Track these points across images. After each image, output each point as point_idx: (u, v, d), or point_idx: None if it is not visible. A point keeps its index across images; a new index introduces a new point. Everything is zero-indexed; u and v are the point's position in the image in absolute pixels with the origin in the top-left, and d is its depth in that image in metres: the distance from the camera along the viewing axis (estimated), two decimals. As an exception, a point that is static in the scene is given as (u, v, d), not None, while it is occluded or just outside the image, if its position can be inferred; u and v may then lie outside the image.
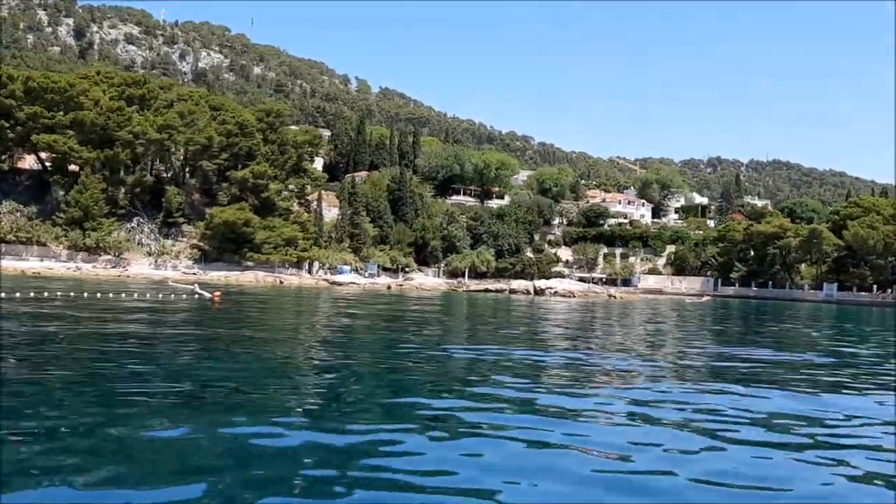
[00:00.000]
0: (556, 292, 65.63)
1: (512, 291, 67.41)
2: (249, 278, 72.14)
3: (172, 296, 36.92)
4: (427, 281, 77.04)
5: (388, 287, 68.15)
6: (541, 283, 68.50)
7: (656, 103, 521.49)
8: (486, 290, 69.06)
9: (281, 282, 72.21)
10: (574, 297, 64.39)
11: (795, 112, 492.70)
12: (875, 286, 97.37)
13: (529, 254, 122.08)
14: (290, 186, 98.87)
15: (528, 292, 66.53)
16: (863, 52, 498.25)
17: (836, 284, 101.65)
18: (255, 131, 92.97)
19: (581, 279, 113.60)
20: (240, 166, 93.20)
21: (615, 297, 66.26)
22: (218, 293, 37.49)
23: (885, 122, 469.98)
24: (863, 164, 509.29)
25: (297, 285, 68.72)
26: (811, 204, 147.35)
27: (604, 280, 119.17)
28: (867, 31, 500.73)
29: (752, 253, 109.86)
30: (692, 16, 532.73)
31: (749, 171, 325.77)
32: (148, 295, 34.93)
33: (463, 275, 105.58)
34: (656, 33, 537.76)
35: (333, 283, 74.14)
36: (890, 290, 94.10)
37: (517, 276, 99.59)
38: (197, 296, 37.32)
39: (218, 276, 71.78)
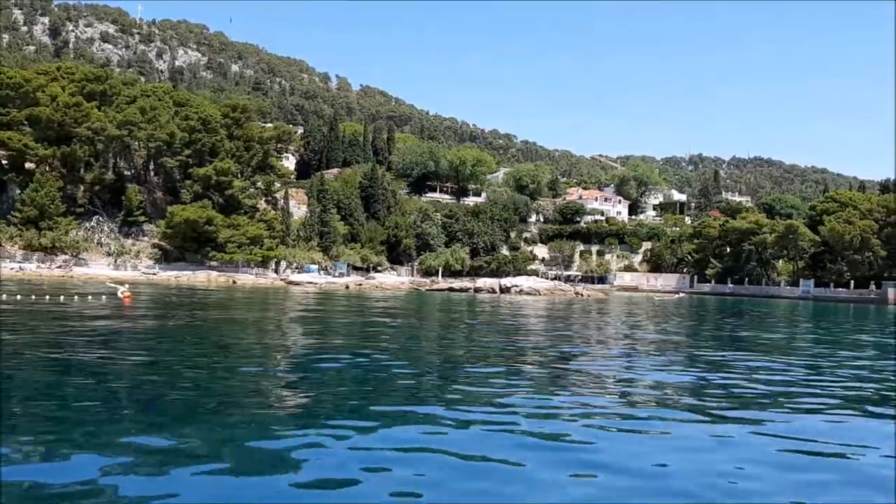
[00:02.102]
0: (521, 290, 63.86)
1: (477, 290, 65.58)
2: (202, 278, 69.96)
3: (90, 297, 34.96)
4: (388, 280, 74.97)
5: (347, 287, 66.03)
6: (506, 282, 66.67)
7: (638, 101, 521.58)
8: (451, 289, 67.17)
9: (234, 282, 69.98)
10: (540, 294, 62.66)
11: (777, 109, 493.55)
12: (852, 282, 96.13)
13: (505, 251, 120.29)
14: (258, 184, 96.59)
15: (493, 291, 64.72)
16: (845, 48, 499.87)
17: (812, 281, 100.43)
18: (219, 127, 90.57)
19: (557, 277, 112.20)
20: (205, 163, 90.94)
21: (581, 294, 64.53)
22: (128, 293, 35.90)
23: (869, 118, 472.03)
24: (845, 160, 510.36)
25: (252, 285, 66.54)
26: (790, 200, 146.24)
27: (580, 278, 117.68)
28: (848, 28, 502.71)
29: (728, 249, 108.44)
30: (674, 15, 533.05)
31: (730, 169, 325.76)
32: (62, 298, 32.88)
33: (437, 273, 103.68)
34: (640, 32, 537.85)
35: (290, 282, 72.06)
36: (875, 286, 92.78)
37: (492, 274, 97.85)
38: (118, 294, 35.72)
39: (170, 276, 69.62)
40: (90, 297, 35.67)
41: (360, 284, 69.71)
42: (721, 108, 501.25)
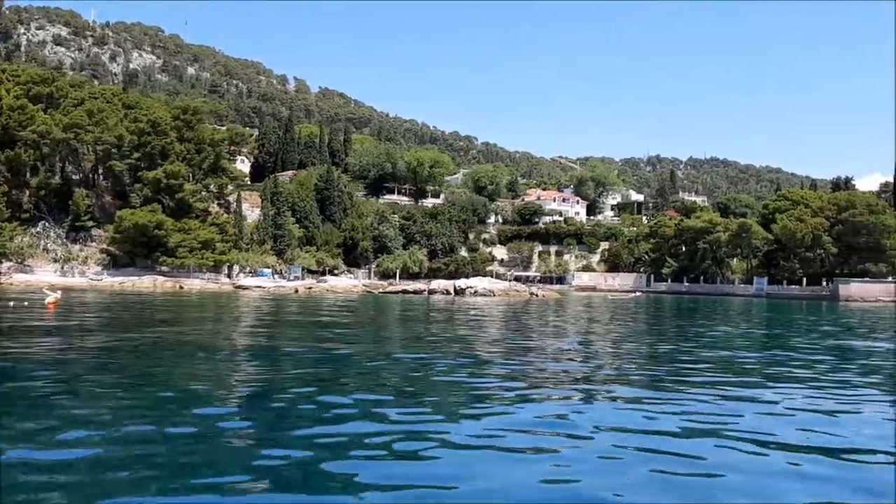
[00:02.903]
0: (476, 292, 63.34)
1: (431, 292, 64.90)
2: (147, 284, 68.36)
3: (11, 304, 33.82)
4: (340, 283, 74.01)
5: (297, 291, 64.95)
6: (461, 283, 66.07)
7: (597, 104, 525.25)
8: (404, 292, 66.41)
9: (181, 287, 68.52)
10: (495, 296, 62.22)
11: (733, 110, 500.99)
12: (805, 279, 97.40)
13: (464, 253, 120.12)
14: (210, 187, 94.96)
15: (448, 292, 64.11)
16: (798, 50, 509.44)
17: (766, 278, 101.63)
18: (169, 129, 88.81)
19: (516, 278, 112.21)
20: (155, 166, 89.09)
21: (536, 295, 64.24)
22: (52, 299, 34.94)
23: (820, 118, 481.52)
24: (798, 160, 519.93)
25: (199, 290, 65.17)
26: (745, 199, 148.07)
27: (538, 278, 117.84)
28: (803, 30, 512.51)
29: (684, 248, 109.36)
30: (632, 16, 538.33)
31: (688, 169, 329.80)
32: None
33: (395, 276, 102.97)
34: (597, 34, 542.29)
35: (239, 286, 70.78)
36: (827, 283, 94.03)
37: (451, 275, 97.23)
38: (45, 301, 34.62)
39: (114, 282, 67.90)
40: (12, 303, 34.48)
41: (311, 288, 68.60)
42: (678, 109, 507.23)
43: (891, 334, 30.23)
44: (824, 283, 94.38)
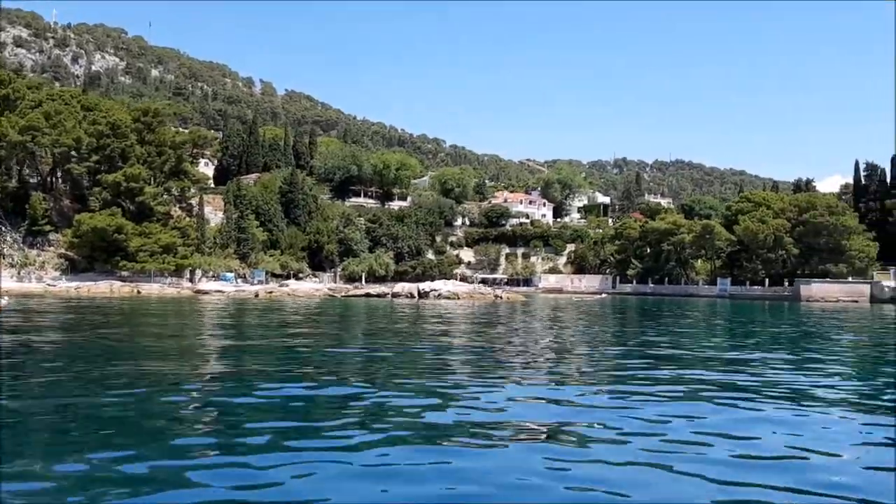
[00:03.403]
0: (440, 295, 62.96)
1: (395, 295, 64.39)
2: (103, 289, 67.03)
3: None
4: (303, 287, 73.09)
5: (257, 295, 64.06)
6: (425, 286, 65.61)
7: (565, 106, 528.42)
8: (367, 295, 65.83)
9: (139, 292, 67.31)
10: (460, 299, 61.87)
11: (699, 113, 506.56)
12: (767, 280, 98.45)
13: (431, 256, 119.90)
14: (172, 190, 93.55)
15: (411, 295, 63.64)
16: (761, 54, 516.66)
17: (729, 279, 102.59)
18: (129, 132, 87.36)
19: (483, 280, 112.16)
20: (115, 169, 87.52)
21: (501, 297, 64.02)
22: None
23: (784, 121, 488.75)
24: (761, 163, 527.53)
25: (158, 295, 64.04)
26: (708, 201, 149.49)
27: (505, 281, 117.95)
28: (770, 34, 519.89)
29: (649, 250, 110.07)
30: (602, 18, 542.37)
31: (653, 172, 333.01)
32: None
33: (360, 279, 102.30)
34: (567, 36, 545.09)
35: (198, 291, 69.69)
36: (788, 283, 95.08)
37: (418, 278, 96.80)
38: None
39: (69, 287, 66.48)
40: None
41: (272, 292, 67.68)
42: (645, 112, 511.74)
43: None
44: (786, 284, 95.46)
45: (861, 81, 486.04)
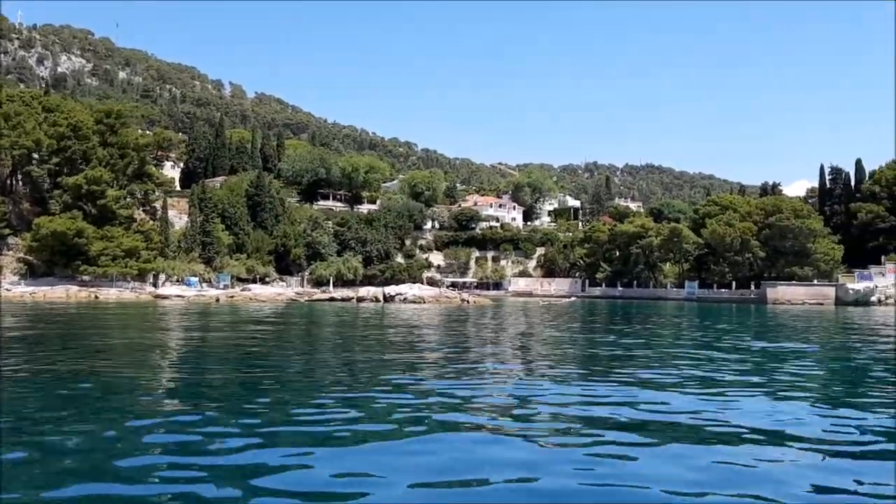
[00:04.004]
0: (406, 298, 62.36)
1: (360, 299, 63.62)
2: (59, 294, 65.51)
3: None
4: (265, 291, 71.91)
5: (217, 300, 62.87)
6: (390, 290, 64.97)
7: (536, 110, 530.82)
8: (332, 300, 64.99)
9: (96, 297, 65.85)
10: (425, 302, 61.31)
11: (670, 117, 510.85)
12: (734, 282, 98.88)
13: (400, 259, 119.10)
14: (135, 193, 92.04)
15: (376, 299, 62.96)
16: (731, 57, 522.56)
17: (697, 282, 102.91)
18: (91, 134, 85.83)
19: (453, 284, 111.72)
20: (77, 172, 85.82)
21: (467, 301, 63.50)
22: None
23: (752, 126, 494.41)
24: (729, 166, 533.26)
25: (116, 300, 62.65)
26: (677, 205, 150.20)
27: (475, 284, 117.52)
28: (738, 39, 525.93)
29: (617, 253, 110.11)
30: (571, 19, 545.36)
31: (624, 176, 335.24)
32: None
33: (328, 283, 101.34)
34: (538, 40, 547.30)
35: (158, 296, 68.36)
36: (755, 286, 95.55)
37: (387, 282, 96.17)
38: None
39: (24, 292, 64.86)
40: None
41: (233, 297, 66.47)
42: (616, 117, 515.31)
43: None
44: (753, 287, 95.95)
45: (828, 87, 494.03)
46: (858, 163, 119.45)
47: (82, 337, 25.17)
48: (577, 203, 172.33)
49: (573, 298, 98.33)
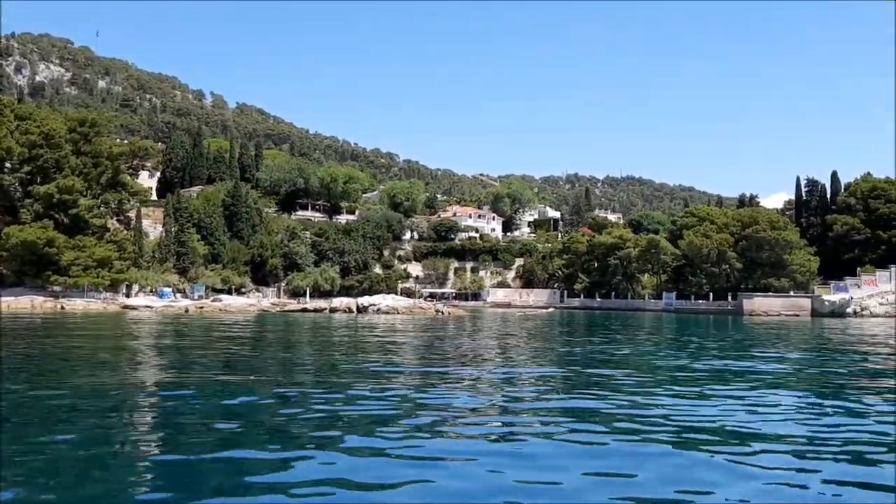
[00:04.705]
0: (379, 309, 61.81)
1: (333, 310, 63.01)
2: (24, 304, 64.41)
3: None
4: (236, 302, 71.15)
5: (187, 310, 62.00)
6: (363, 301, 64.39)
7: (519, 121, 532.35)
8: (304, 310, 64.26)
9: (63, 308, 64.83)
10: (399, 313, 60.78)
11: (650, 130, 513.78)
12: (711, 293, 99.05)
13: (378, 270, 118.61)
14: (110, 203, 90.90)
15: (349, 310, 62.35)
16: (711, 68, 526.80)
17: (675, 293, 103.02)
18: (63, 142, 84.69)
19: (431, 294, 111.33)
20: (49, 181, 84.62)
21: (442, 312, 62.98)
22: None
23: (730, 139, 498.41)
24: (710, 179, 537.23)
25: (83, 311, 61.64)
26: (657, 216, 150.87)
27: (454, 295, 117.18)
28: (718, 50, 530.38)
29: (596, 264, 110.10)
30: (554, 32, 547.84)
31: (605, 187, 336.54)
32: None
33: (305, 294, 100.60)
34: (518, 51, 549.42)
35: (126, 307, 67.36)
36: (732, 298, 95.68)
37: (364, 293, 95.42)
38: None
39: (-12, 302, 63.77)
40: None
41: (203, 308, 65.63)
42: (597, 128, 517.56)
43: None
44: (730, 298, 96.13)
45: (807, 98, 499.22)
46: (834, 175, 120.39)
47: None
48: (557, 214, 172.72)
49: (552, 309, 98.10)
